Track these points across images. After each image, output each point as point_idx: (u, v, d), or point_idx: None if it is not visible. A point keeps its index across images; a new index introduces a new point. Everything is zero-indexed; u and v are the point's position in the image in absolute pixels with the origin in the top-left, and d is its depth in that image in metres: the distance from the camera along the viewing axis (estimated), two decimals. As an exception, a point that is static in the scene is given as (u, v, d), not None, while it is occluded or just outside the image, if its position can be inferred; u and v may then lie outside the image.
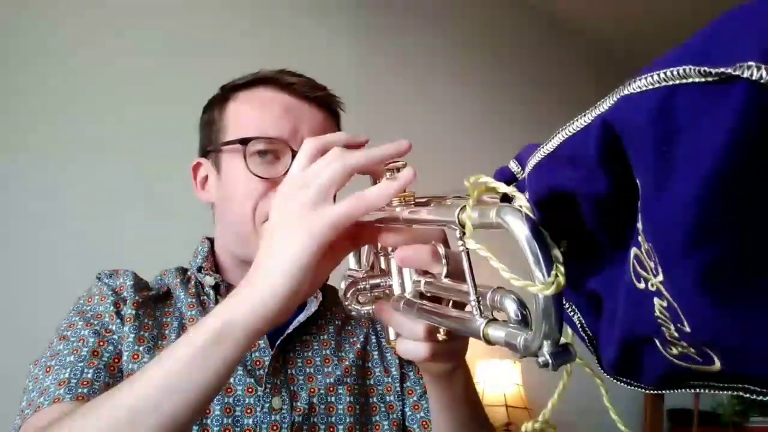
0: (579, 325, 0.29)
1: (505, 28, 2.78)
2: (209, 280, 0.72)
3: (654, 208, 0.17)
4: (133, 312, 0.66)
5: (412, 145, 0.46)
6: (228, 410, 0.63)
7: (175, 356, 0.43)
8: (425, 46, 2.39)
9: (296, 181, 0.46)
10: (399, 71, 2.25)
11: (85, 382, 0.58)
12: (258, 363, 0.67)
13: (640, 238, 0.19)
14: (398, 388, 0.73)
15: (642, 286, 0.20)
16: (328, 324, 0.76)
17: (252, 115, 0.70)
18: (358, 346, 0.75)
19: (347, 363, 0.72)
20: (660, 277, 0.18)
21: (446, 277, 0.42)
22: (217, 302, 0.72)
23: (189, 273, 0.76)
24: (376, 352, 0.76)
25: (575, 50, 3.14)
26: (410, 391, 0.73)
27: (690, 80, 0.16)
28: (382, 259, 0.54)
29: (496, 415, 1.80)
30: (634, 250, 0.20)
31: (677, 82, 0.17)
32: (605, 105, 0.20)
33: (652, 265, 0.18)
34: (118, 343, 0.64)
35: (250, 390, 0.65)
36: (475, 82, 2.55)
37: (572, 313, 0.29)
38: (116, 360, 0.62)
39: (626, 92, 0.18)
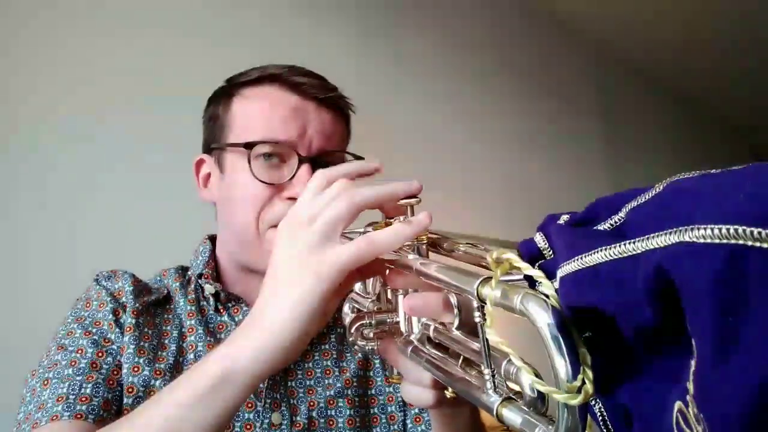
0: (600, 418, 0.27)
1: (505, 28, 2.73)
2: (209, 288, 0.71)
3: (709, 383, 0.16)
4: (133, 321, 0.64)
5: (422, 186, 0.44)
6: (227, 426, 0.62)
7: (175, 399, 0.42)
8: (425, 46, 2.35)
9: (301, 216, 0.44)
10: (399, 71, 2.22)
11: (83, 398, 0.57)
12: None
13: (688, 397, 0.18)
14: (400, 399, 0.72)
15: (686, 441, 0.18)
16: (330, 332, 0.75)
17: (258, 115, 0.68)
18: (360, 355, 0.74)
19: (348, 374, 0.71)
20: (709, 445, 0.17)
21: (457, 328, 0.40)
22: (216, 310, 0.70)
23: (189, 274, 0.74)
24: (377, 361, 0.75)
25: (575, 50, 3.09)
26: None
27: (765, 245, 0.15)
28: (389, 291, 0.53)
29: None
30: (679, 404, 0.18)
31: (748, 243, 0.15)
32: (659, 240, 0.18)
33: (701, 429, 0.17)
34: (117, 353, 0.63)
35: (249, 405, 0.64)
36: (476, 82, 2.52)
37: (593, 403, 0.28)
38: (115, 372, 0.61)
39: (686, 238, 0.17)
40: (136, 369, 0.62)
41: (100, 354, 0.61)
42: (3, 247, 1.31)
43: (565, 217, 0.31)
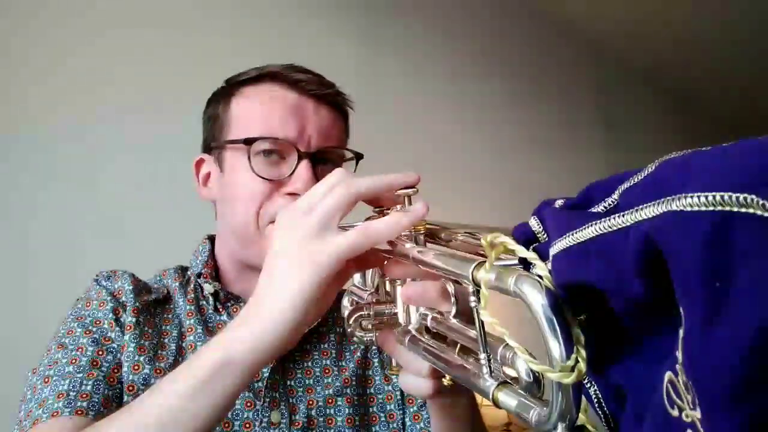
0: (596, 400, 0.27)
1: (505, 28, 2.74)
2: (208, 288, 0.71)
3: (697, 347, 0.16)
4: (134, 320, 0.64)
5: (420, 177, 0.44)
6: (227, 425, 0.62)
7: (174, 388, 0.42)
8: (425, 47, 2.36)
9: (299, 207, 0.44)
10: (399, 71, 2.23)
11: (84, 395, 0.57)
12: (256, 375, 0.66)
13: (677, 367, 0.18)
14: (399, 397, 0.72)
15: (675, 413, 0.18)
16: (329, 332, 0.75)
17: (257, 113, 0.68)
18: (359, 354, 0.74)
19: (347, 373, 0.71)
20: (698, 414, 0.17)
21: (455, 317, 0.40)
22: (216, 309, 0.70)
23: (189, 274, 0.74)
24: (376, 360, 0.75)
25: (575, 50, 3.10)
26: (410, 401, 0.72)
27: (751, 211, 0.15)
28: (387, 282, 0.53)
29: (497, 415, 1.80)
30: (668, 375, 0.18)
31: (734, 209, 0.15)
32: (648, 212, 0.18)
33: (690, 398, 0.17)
34: (117, 352, 0.63)
35: (248, 404, 0.64)
36: (476, 82, 2.52)
37: (589, 386, 0.28)
38: (115, 370, 0.61)
39: (674, 207, 0.17)
40: (136, 367, 0.62)
41: (100, 352, 0.62)
42: (4, 248, 1.31)
43: (559, 202, 0.31)
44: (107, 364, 0.61)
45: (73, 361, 0.60)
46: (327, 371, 0.70)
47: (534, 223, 0.30)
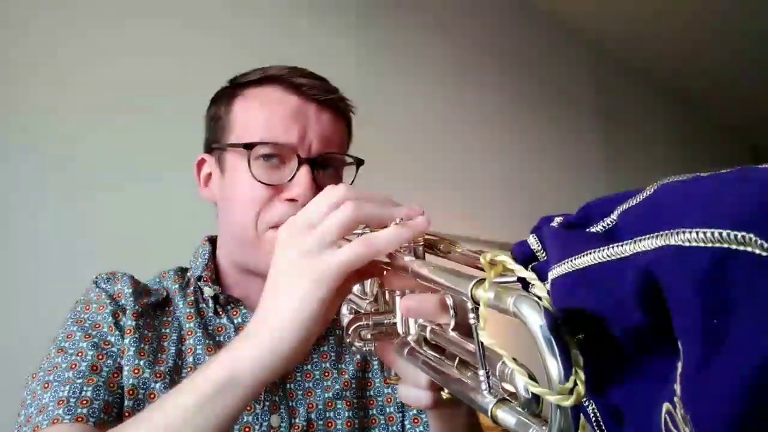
0: (594, 419, 0.28)
1: (504, 28, 2.74)
2: (208, 291, 0.71)
3: (696, 383, 0.16)
4: (133, 323, 0.64)
5: (430, 222, 0.43)
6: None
7: (178, 404, 0.42)
8: (425, 47, 2.36)
9: (301, 223, 0.44)
10: (399, 71, 2.22)
11: (84, 401, 0.57)
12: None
13: (676, 399, 0.18)
14: (398, 399, 0.72)
15: (674, 442, 0.18)
16: (328, 334, 0.75)
17: (259, 116, 0.68)
18: (358, 356, 0.74)
19: (347, 376, 0.71)
20: (696, 446, 0.17)
21: (453, 329, 0.41)
22: (215, 312, 0.71)
23: (188, 276, 0.74)
24: (376, 362, 0.75)
25: (575, 50, 3.10)
26: None
27: (749, 249, 0.15)
28: (386, 292, 0.53)
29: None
30: (667, 406, 0.19)
31: (733, 246, 0.15)
32: (646, 243, 0.18)
33: (688, 430, 0.17)
34: (117, 356, 0.63)
35: (248, 408, 0.64)
36: (475, 82, 2.52)
37: (587, 405, 0.28)
38: (115, 375, 0.61)
39: (673, 242, 0.17)
40: (136, 371, 0.62)
41: (100, 357, 0.61)
42: (2, 249, 1.31)
43: (558, 220, 0.31)
44: (107, 368, 0.61)
45: (73, 366, 0.60)
46: (326, 374, 0.70)
47: (533, 241, 0.30)
